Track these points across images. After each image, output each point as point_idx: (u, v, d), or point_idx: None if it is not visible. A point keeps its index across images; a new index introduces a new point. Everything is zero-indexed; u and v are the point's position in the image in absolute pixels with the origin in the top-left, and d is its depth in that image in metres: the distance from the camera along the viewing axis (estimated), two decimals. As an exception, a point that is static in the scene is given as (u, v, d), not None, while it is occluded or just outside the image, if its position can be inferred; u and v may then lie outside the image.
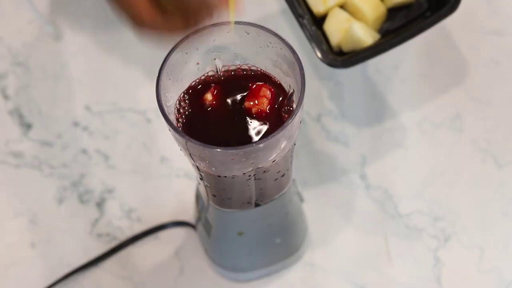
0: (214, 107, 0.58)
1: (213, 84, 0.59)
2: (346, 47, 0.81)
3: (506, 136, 0.84)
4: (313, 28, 0.80)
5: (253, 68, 0.60)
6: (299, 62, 0.56)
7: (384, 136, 0.84)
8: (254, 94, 0.58)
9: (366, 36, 0.80)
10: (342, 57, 0.79)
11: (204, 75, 0.60)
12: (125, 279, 0.79)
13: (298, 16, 0.81)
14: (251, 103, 0.58)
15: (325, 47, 0.79)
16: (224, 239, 0.72)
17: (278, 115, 0.58)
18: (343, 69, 0.79)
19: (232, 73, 0.60)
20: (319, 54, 0.78)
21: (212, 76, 0.60)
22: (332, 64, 0.78)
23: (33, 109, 0.87)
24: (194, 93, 0.59)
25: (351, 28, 0.80)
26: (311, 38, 0.79)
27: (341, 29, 0.81)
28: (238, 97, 0.59)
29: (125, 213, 0.81)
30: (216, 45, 0.59)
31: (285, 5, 0.86)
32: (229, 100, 0.59)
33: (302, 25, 0.80)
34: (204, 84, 0.59)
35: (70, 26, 0.91)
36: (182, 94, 0.59)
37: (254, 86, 0.59)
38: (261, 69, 0.60)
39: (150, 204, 0.82)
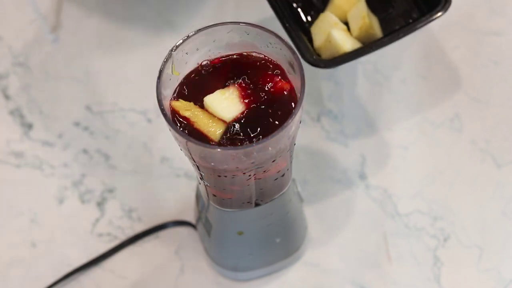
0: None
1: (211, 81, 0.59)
2: (325, 54, 0.79)
3: (505, 136, 0.84)
4: (296, 28, 0.79)
5: (253, 54, 0.59)
6: (299, 62, 0.56)
7: (384, 136, 0.85)
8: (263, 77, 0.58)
9: (344, 42, 0.78)
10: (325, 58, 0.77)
11: (199, 63, 0.59)
12: (125, 279, 0.79)
13: (282, 18, 0.79)
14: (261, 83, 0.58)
15: (310, 48, 0.78)
16: (224, 239, 0.72)
17: (280, 114, 0.58)
18: (326, 69, 0.77)
19: (231, 60, 0.59)
20: (304, 54, 0.77)
21: (207, 65, 0.59)
22: (315, 63, 0.76)
23: (34, 109, 0.87)
24: (193, 92, 0.59)
25: (330, 33, 0.78)
26: (298, 39, 0.78)
27: (324, 32, 0.79)
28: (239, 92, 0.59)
29: (126, 212, 0.82)
30: (216, 45, 0.59)
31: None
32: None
33: (286, 27, 0.78)
34: (202, 75, 0.59)
35: (71, 27, 0.91)
36: (181, 93, 0.59)
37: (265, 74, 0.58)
38: (264, 55, 0.59)
39: (150, 203, 0.82)
